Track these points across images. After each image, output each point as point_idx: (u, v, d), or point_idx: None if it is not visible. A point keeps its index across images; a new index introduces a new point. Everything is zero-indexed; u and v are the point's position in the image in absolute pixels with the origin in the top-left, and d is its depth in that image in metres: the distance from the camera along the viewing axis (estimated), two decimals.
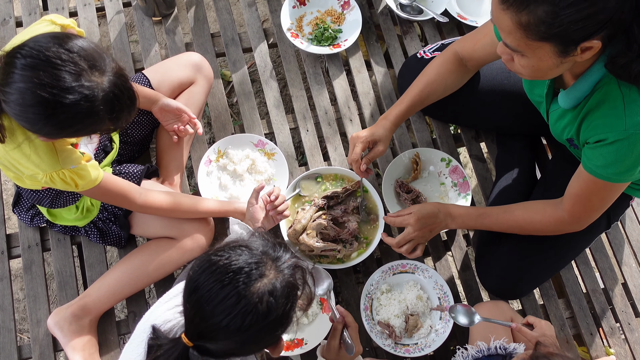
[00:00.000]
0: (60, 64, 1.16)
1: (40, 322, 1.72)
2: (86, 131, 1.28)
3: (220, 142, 1.90)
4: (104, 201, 1.57)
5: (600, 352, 1.81)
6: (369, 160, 1.71)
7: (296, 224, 1.76)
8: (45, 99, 1.15)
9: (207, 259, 1.07)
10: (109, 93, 1.21)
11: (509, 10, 1.16)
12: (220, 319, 1.02)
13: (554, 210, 1.56)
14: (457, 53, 1.72)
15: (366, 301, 1.74)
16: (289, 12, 2.13)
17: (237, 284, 1.03)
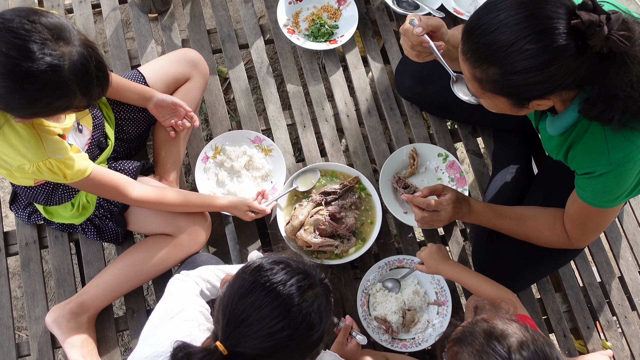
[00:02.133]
0: (24, 34, 1.16)
1: (38, 319, 1.72)
2: (59, 105, 1.25)
3: (218, 138, 1.90)
4: (98, 194, 1.57)
5: (597, 346, 1.82)
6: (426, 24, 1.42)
7: (293, 220, 1.77)
8: (11, 69, 1.15)
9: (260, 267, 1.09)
10: (76, 63, 1.21)
11: (467, 62, 1.22)
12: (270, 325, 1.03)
13: (562, 226, 1.56)
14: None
15: (363, 297, 1.74)
16: (285, 8, 2.13)
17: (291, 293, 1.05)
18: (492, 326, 1.09)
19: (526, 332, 1.08)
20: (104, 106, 1.74)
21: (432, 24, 1.43)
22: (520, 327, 1.09)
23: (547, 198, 1.74)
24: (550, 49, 1.11)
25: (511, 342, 1.05)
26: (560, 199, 1.73)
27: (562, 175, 1.75)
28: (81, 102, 1.27)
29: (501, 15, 1.14)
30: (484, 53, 1.17)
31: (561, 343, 1.81)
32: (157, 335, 1.24)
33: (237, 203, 1.72)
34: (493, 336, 1.07)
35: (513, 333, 1.07)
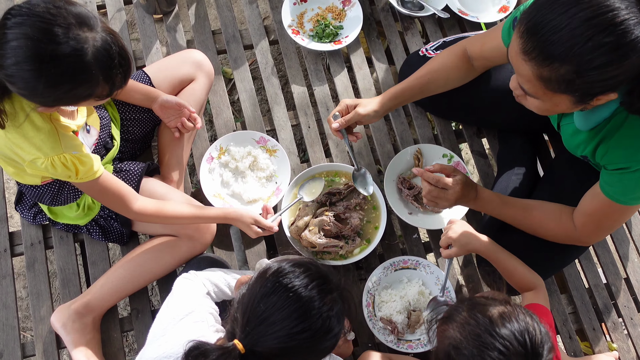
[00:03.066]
0: (49, 19, 1.18)
1: (43, 319, 1.73)
2: (82, 92, 1.26)
3: (222, 139, 1.90)
4: (102, 200, 1.56)
5: (603, 347, 1.81)
6: (345, 121, 1.66)
7: (298, 221, 1.76)
8: (37, 52, 1.17)
9: (282, 270, 1.10)
10: (100, 48, 1.22)
11: (531, 62, 1.16)
12: (291, 326, 1.04)
13: (568, 220, 1.55)
14: (466, 50, 1.71)
15: (368, 297, 1.74)
16: (289, 9, 2.13)
17: (312, 296, 1.07)
18: (476, 302, 1.15)
19: (508, 306, 1.12)
20: (110, 106, 1.75)
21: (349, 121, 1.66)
22: (502, 302, 1.14)
23: (552, 199, 1.73)
24: (628, 41, 1.08)
25: (492, 313, 1.10)
26: (565, 200, 1.72)
27: (568, 177, 1.75)
28: (103, 90, 1.28)
29: (571, 10, 1.09)
30: (557, 50, 1.11)
31: (567, 344, 1.81)
32: (167, 336, 1.24)
33: (243, 214, 1.67)
34: (475, 309, 1.12)
35: (494, 305, 1.12)
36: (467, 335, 1.10)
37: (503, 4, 2.20)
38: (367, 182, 1.81)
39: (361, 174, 1.81)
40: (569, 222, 1.55)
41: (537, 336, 1.08)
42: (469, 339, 1.09)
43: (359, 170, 1.80)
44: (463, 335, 1.10)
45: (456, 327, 1.12)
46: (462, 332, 1.11)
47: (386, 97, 1.72)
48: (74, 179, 1.42)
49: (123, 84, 1.33)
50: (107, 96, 1.32)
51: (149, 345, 1.28)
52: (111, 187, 1.51)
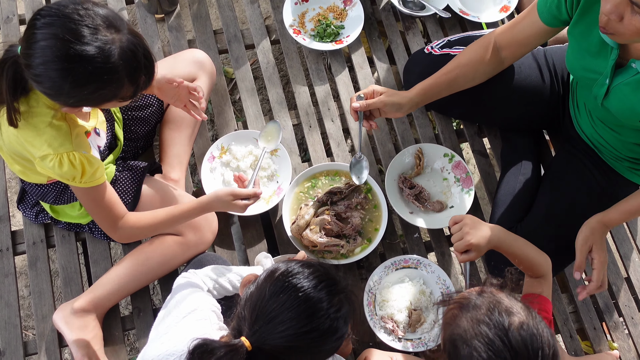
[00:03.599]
0: (77, 19, 1.20)
1: (45, 318, 1.73)
2: (107, 92, 1.28)
3: (224, 138, 1.91)
4: (91, 210, 1.52)
5: (603, 347, 1.81)
6: (367, 104, 1.66)
7: (299, 220, 1.77)
8: (66, 53, 1.19)
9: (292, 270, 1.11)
10: (126, 49, 1.25)
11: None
12: (299, 326, 1.05)
13: None
14: (495, 42, 1.69)
15: (369, 297, 1.74)
16: (291, 9, 2.13)
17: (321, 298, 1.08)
18: (498, 300, 1.11)
19: (529, 315, 1.08)
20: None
21: (370, 106, 1.66)
22: (524, 309, 1.10)
23: (554, 201, 1.74)
24: None
25: (513, 320, 1.06)
26: (565, 198, 1.73)
27: (573, 175, 1.75)
28: (128, 90, 1.30)
29: None
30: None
31: (567, 344, 1.81)
32: (170, 333, 1.25)
33: (218, 194, 1.59)
34: (497, 309, 1.08)
35: (517, 312, 1.08)
36: (479, 333, 1.07)
37: (504, 3, 2.21)
38: (362, 170, 1.80)
39: (359, 162, 1.80)
40: None
41: (548, 349, 1.06)
42: (479, 337, 1.07)
43: (359, 158, 1.80)
44: (475, 331, 1.08)
45: (470, 319, 1.10)
46: (475, 328, 1.08)
47: (413, 92, 1.71)
48: (77, 180, 1.41)
49: (147, 86, 1.34)
50: (130, 97, 1.33)
51: (152, 343, 1.28)
52: (107, 197, 1.50)
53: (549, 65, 1.82)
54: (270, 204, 1.83)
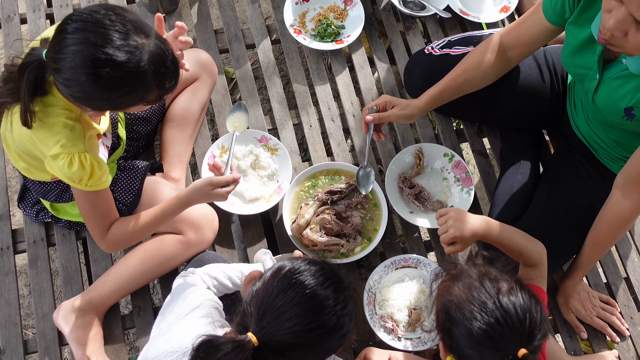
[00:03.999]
0: (108, 25, 1.22)
1: (45, 316, 1.73)
2: (134, 96, 1.30)
3: (224, 137, 1.91)
4: (86, 213, 1.51)
5: (603, 346, 1.82)
6: (379, 117, 1.70)
7: (299, 219, 1.77)
8: (97, 57, 1.20)
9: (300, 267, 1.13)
10: (155, 54, 1.27)
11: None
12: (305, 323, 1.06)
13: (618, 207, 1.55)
14: (500, 42, 1.69)
15: (369, 296, 1.75)
16: (291, 9, 2.14)
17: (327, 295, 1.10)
18: (488, 271, 1.19)
19: (517, 285, 1.15)
20: None
21: (383, 120, 1.71)
22: (512, 279, 1.17)
23: (551, 199, 1.74)
24: None
25: (501, 285, 1.14)
26: (562, 197, 1.73)
27: (572, 174, 1.75)
28: (154, 94, 1.32)
29: None
30: None
31: (567, 344, 1.81)
32: (173, 331, 1.25)
33: (196, 186, 1.54)
34: (487, 277, 1.16)
35: (505, 280, 1.16)
36: (472, 297, 1.13)
37: (504, 4, 2.21)
38: (369, 181, 1.82)
39: (366, 172, 1.82)
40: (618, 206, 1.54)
41: (536, 319, 1.11)
42: (472, 302, 1.12)
43: (366, 169, 1.82)
44: (467, 296, 1.14)
45: (462, 287, 1.16)
46: (467, 293, 1.14)
47: (423, 100, 1.73)
48: (84, 182, 1.42)
49: (172, 90, 1.36)
50: (155, 101, 1.35)
51: (154, 340, 1.29)
52: (106, 202, 1.51)
53: (549, 65, 1.83)
54: (270, 203, 1.84)
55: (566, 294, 1.79)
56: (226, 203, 1.83)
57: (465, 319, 1.12)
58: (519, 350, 1.08)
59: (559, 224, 1.70)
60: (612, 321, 1.80)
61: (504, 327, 1.09)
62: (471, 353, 1.14)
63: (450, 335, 1.17)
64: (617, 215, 1.57)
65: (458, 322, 1.14)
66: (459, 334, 1.14)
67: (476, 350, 1.12)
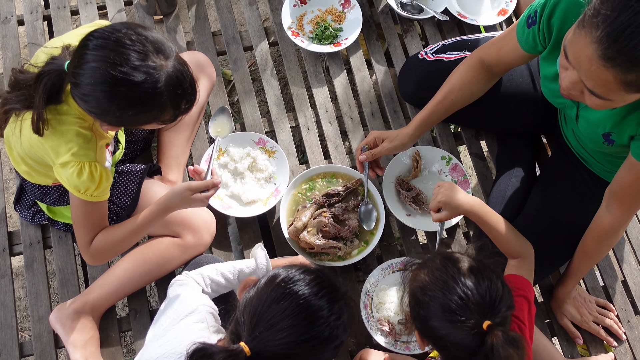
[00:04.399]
0: (128, 44, 1.23)
1: (41, 319, 1.73)
2: (149, 115, 1.31)
3: (221, 140, 1.90)
4: (78, 221, 1.50)
5: (600, 350, 1.81)
6: (372, 154, 1.73)
7: (297, 222, 1.77)
8: (114, 76, 1.22)
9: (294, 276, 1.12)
10: (172, 76, 1.28)
11: (614, 68, 1.11)
12: (299, 334, 1.05)
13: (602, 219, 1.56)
14: (482, 60, 1.70)
15: (366, 299, 1.74)
16: (289, 11, 2.14)
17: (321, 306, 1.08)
18: (450, 254, 1.25)
19: (480, 264, 1.21)
20: None
21: (376, 156, 1.73)
22: (476, 259, 1.23)
23: (545, 204, 1.74)
24: None
25: (462, 265, 1.19)
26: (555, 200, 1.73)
27: (565, 178, 1.75)
28: (168, 115, 1.33)
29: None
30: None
31: (564, 347, 1.81)
32: (167, 335, 1.25)
33: (175, 191, 1.51)
34: (448, 260, 1.22)
35: (467, 260, 1.21)
36: (435, 279, 1.19)
37: (502, 7, 2.21)
38: (371, 218, 1.83)
39: (368, 209, 1.83)
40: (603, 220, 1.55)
41: (498, 292, 1.16)
42: (435, 283, 1.18)
43: (367, 205, 1.83)
44: (431, 279, 1.20)
45: (427, 272, 1.22)
46: (431, 276, 1.20)
47: (412, 127, 1.73)
48: (89, 193, 1.41)
49: (188, 111, 1.38)
50: (170, 121, 1.36)
51: (149, 345, 1.28)
52: (99, 215, 1.50)
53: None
54: (267, 206, 1.83)
55: (559, 300, 1.79)
56: (223, 205, 1.83)
57: (430, 300, 1.17)
58: (484, 322, 1.12)
59: (550, 230, 1.70)
60: (608, 325, 1.80)
61: (467, 302, 1.14)
62: (441, 333, 1.17)
63: (420, 320, 1.22)
64: (601, 228, 1.58)
65: (424, 304, 1.19)
66: (427, 316, 1.18)
67: (445, 329, 1.16)
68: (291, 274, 1.12)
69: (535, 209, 1.75)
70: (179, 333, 1.24)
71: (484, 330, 1.12)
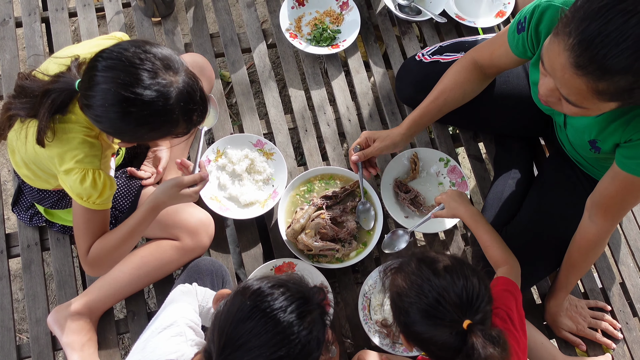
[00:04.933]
0: (138, 64, 1.24)
1: (39, 321, 1.73)
2: (162, 131, 1.32)
3: (219, 142, 1.91)
4: (79, 228, 1.48)
5: (598, 351, 1.81)
6: (364, 154, 1.72)
7: (295, 224, 1.77)
8: (125, 97, 1.22)
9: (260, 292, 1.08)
10: (183, 91, 1.28)
11: (586, 76, 1.11)
12: (269, 353, 1.02)
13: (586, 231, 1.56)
14: (475, 60, 1.69)
15: (364, 301, 1.74)
16: (287, 13, 2.14)
17: (291, 321, 1.04)
18: (425, 254, 1.26)
19: (455, 261, 1.22)
20: None
21: (368, 155, 1.71)
22: (451, 257, 1.24)
23: (539, 206, 1.74)
24: None
25: (437, 265, 1.20)
26: (551, 203, 1.73)
27: (561, 179, 1.75)
28: (181, 128, 1.34)
29: (632, 20, 1.03)
30: (618, 64, 1.06)
31: (562, 349, 1.81)
32: (147, 348, 1.24)
33: (162, 189, 1.49)
34: (423, 262, 1.22)
35: (442, 260, 1.22)
36: (411, 284, 1.20)
37: (500, 8, 2.22)
38: (369, 216, 1.83)
39: (366, 209, 1.83)
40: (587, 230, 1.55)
41: (475, 289, 1.17)
42: (412, 288, 1.19)
43: (365, 204, 1.82)
44: (407, 284, 1.20)
45: (404, 277, 1.22)
46: (407, 281, 1.21)
47: (404, 127, 1.73)
48: (92, 200, 1.41)
49: (199, 123, 1.38)
50: (184, 134, 1.37)
51: (131, 355, 1.28)
52: (101, 224, 1.49)
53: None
54: (265, 208, 1.83)
55: (552, 313, 1.79)
56: (221, 207, 1.82)
57: (409, 306, 1.18)
58: (464, 322, 1.13)
59: (544, 234, 1.70)
60: (604, 328, 1.81)
61: (443, 304, 1.15)
62: (425, 337, 1.17)
63: (402, 324, 1.22)
64: (584, 239, 1.58)
65: (404, 310, 1.19)
66: (408, 321, 1.19)
67: (427, 333, 1.16)
68: (259, 290, 1.08)
69: (531, 212, 1.75)
70: (157, 346, 1.22)
71: (465, 329, 1.13)
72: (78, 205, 1.43)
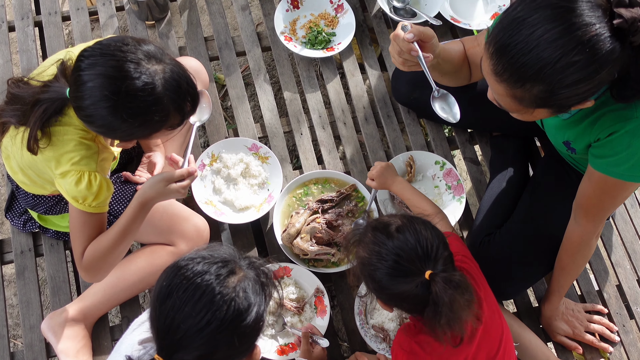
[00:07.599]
0: (120, 56, 1.23)
1: (33, 327, 1.71)
2: (155, 123, 1.30)
3: (214, 146, 1.90)
4: (75, 231, 1.46)
5: (595, 354, 1.81)
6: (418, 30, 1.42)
7: (290, 228, 1.76)
8: (111, 89, 1.22)
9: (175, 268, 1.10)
10: (169, 79, 1.28)
11: (503, 83, 1.18)
12: (196, 322, 1.03)
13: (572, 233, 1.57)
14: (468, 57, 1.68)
15: (360, 305, 1.73)
16: (282, 16, 2.13)
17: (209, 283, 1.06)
18: (378, 221, 1.32)
19: (405, 219, 1.28)
20: None
21: (424, 33, 1.43)
22: (400, 217, 1.30)
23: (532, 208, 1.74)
24: (599, 57, 1.08)
25: (390, 229, 1.26)
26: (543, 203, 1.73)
27: (554, 180, 1.75)
28: (175, 119, 1.33)
29: (537, 32, 1.09)
30: (527, 73, 1.12)
31: (559, 352, 1.81)
32: (121, 348, 1.25)
33: (150, 184, 1.44)
34: (377, 229, 1.28)
35: (393, 222, 1.28)
36: (370, 252, 1.26)
37: (495, 10, 2.21)
38: (450, 104, 1.52)
39: (442, 94, 1.52)
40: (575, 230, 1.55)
41: (428, 240, 1.23)
42: (372, 255, 1.25)
43: (438, 93, 1.52)
44: (367, 253, 1.26)
45: (363, 247, 1.29)
46: (367, 250, 1.27)
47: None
48: (87, 203, 1.40)
49: (192, 112, 1.37)
50: (178, 125, 1.36)
51: (112, 355, 1.29)
52: (95, 227, 1.47)
53: None
54: (261, 212, 1.82)
55: (547, 317, 1.79)
56: (216, 212, 1.82)
57: (374, 272, 1.24)
58: (425, 272, 1.19)
59: (538, 234, 1.70)
60: (600, 332, 1.80)
61: (401, 262, 1.21)
62: (396, 295, 1.25)
63: (375, 290, 1.29)
64: (572, 242, 1.58)
65: (371, 277, 1.26)
66: (378, 286, 1.26)
67: (396, 291, 1.23)
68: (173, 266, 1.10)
69: (524, 213, 1.75)
70: (129, 344, 1.24)
71: (427, 279, 1.19)
72: (74, 208, 1.42)
